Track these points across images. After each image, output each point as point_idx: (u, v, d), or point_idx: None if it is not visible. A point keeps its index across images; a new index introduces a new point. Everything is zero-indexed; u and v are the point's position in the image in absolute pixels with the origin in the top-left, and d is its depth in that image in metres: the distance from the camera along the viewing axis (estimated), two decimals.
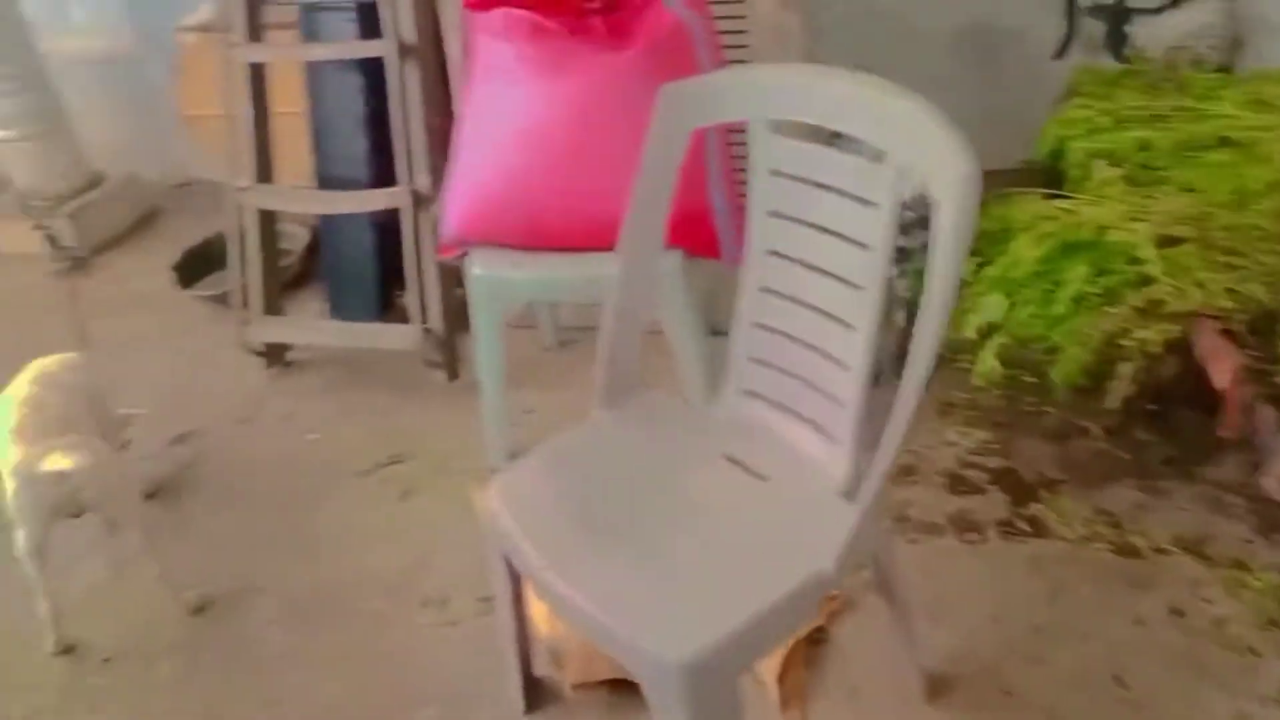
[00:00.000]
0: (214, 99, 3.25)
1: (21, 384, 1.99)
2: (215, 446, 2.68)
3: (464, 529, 2.28)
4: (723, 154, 2.13)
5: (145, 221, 3.98)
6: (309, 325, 2.82)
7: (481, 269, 2.19)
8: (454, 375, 2.82)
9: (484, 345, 2.31)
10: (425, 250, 2.67)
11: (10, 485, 1.81)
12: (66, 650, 2.03)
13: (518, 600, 1.73)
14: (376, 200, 2.65)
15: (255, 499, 2.47)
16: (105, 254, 3.75)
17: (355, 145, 2.91)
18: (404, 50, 2.55)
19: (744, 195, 1.65)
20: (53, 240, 3.56)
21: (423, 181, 2.64)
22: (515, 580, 1.66)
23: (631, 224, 1.60)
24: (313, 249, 3.36)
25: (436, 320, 2.73)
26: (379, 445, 2.62)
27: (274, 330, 2.83)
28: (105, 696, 1.96)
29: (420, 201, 2.64)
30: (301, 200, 2.73)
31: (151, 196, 4.07)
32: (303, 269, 3.36)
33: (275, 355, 2.95)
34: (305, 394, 2.86)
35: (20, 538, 1.90)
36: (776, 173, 1.53)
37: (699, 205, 2.00)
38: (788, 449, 1.62)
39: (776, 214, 1.55)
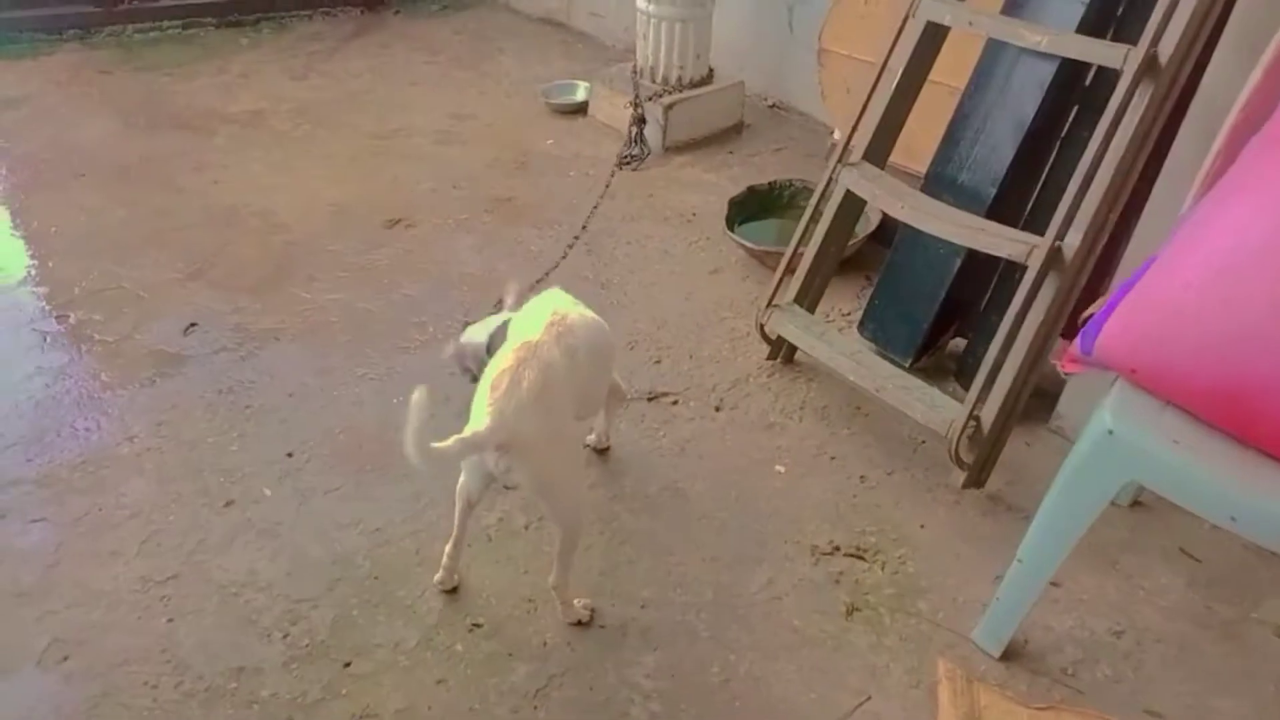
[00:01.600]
0: (860, 41, 2.80)
1: (535, 320, 1.71)
2: (683, 424, 2.33)
3: (906, 713, 1.67)
4: None
5: (727, 134, 3.74)
6: (830, 341, 2.29)
7: (1120, 423, 1.45)
8: (977, 484, 2.13)
9: (1056, 516, 1.59)
10: (1027, 326, 1.97)
11: (467, 428, 1.57)
12: (449, 591, 1.85)
13: None
14: (999, 242, 1.97)
15: (694, 516, 2.07)
16: (678, 155, 3.57)
17: (996, 156, 2.24)
18: (1148, 67, 1.78)
19: None
20: (638, 126, 3.46)
21: (1073, 240, 1.90)
22: None
23: None
24: (879, 236, 2.81)
25: (991, 412, 2.03)
26: (847, 522, 2.06)
27: (791, 328, 2.35)
28: (457, 669, 1.73)
29: (1056, 265, 1.91)
30: (904, 205, 2.14)
31: (745, 109, 3.81)
32: (864, 248, 2.84)
33: (783, 348, 2.50)
34: (795, 410, 2.38)
35: (461, 478, 1.76)
36: None
37: None
38: None
39: None
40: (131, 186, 3.25)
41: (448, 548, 1.83)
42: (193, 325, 2.58)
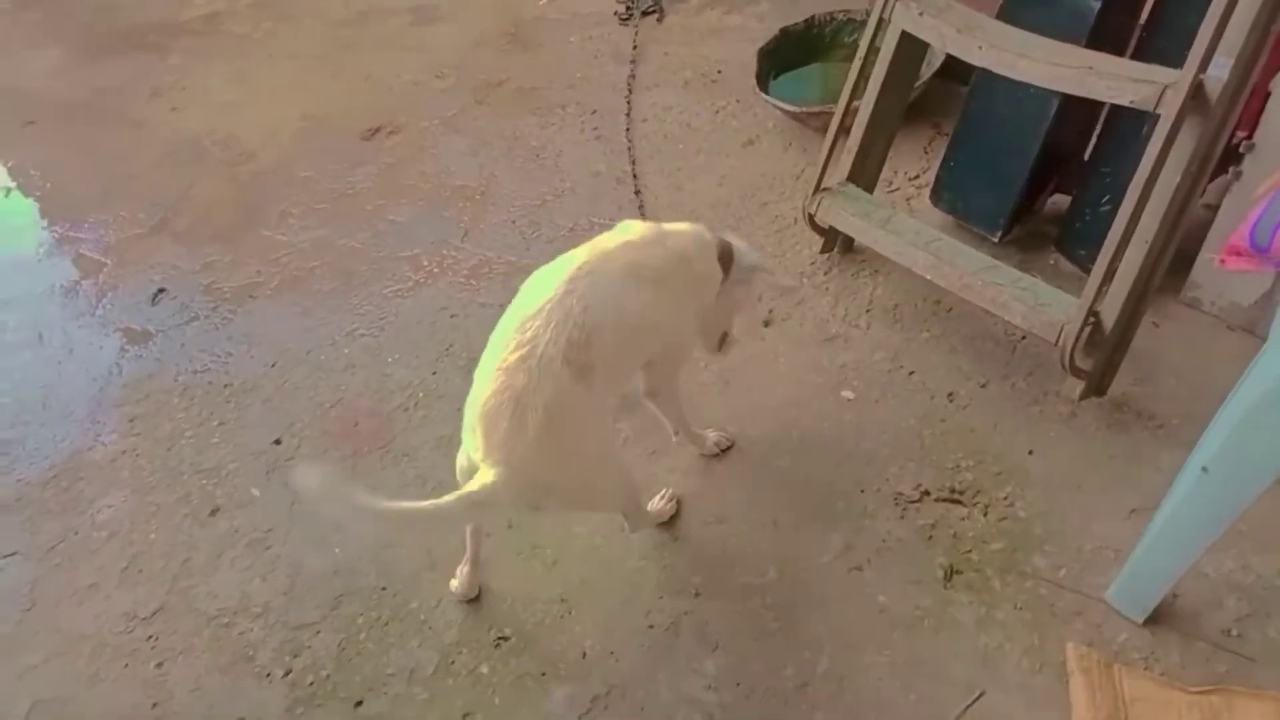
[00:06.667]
0: None
1: (568, 270, 1.31)
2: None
3: (1030, 710, 1.35)
4: None
5: None
6: (898, 229, 1.84)
7: None
8: (1098, 392, 1.72)
9: (1236, 455, 1.19)
10: (1160, 189, 1.49)
11: (474, 482, 1.23)
12: (469, 600, 1.57)
13: None
14: (1118, 85, 1.47)
15: (747, 468, 1.73)
16: None
17: None
18: None
19: None
20: None
21: (1219, 72, 1.40)
22: None
23: None
24: (950, 71, 2.27)
25: (1116, 304, 1.60)
26: (936, 456, 1.70)
27: (848, 217, 1.90)
28: (484, 697, 1.46)
29: (1198, 107, 1.42)
30: (982, 44, 1.62)
31: None
32: (931, 88, 2.32)
33: (839, 237, 2.06)
34: (859, 314, 1.98)
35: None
36: None
37: None
38: None
39: None
40: (84, 127, 2.89)
41: (462, 567, 1.54)
42: (160, 292, 2.27)
